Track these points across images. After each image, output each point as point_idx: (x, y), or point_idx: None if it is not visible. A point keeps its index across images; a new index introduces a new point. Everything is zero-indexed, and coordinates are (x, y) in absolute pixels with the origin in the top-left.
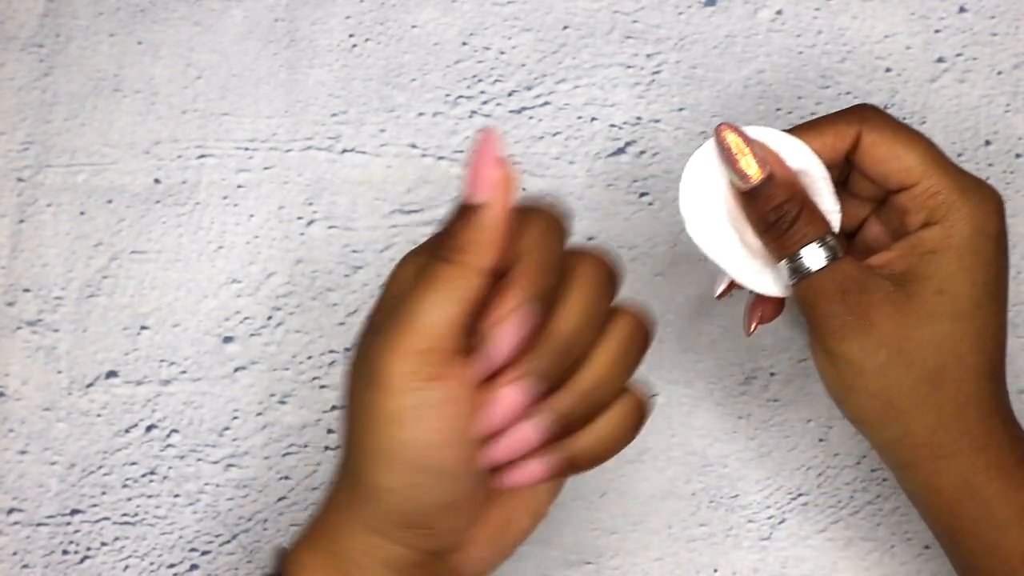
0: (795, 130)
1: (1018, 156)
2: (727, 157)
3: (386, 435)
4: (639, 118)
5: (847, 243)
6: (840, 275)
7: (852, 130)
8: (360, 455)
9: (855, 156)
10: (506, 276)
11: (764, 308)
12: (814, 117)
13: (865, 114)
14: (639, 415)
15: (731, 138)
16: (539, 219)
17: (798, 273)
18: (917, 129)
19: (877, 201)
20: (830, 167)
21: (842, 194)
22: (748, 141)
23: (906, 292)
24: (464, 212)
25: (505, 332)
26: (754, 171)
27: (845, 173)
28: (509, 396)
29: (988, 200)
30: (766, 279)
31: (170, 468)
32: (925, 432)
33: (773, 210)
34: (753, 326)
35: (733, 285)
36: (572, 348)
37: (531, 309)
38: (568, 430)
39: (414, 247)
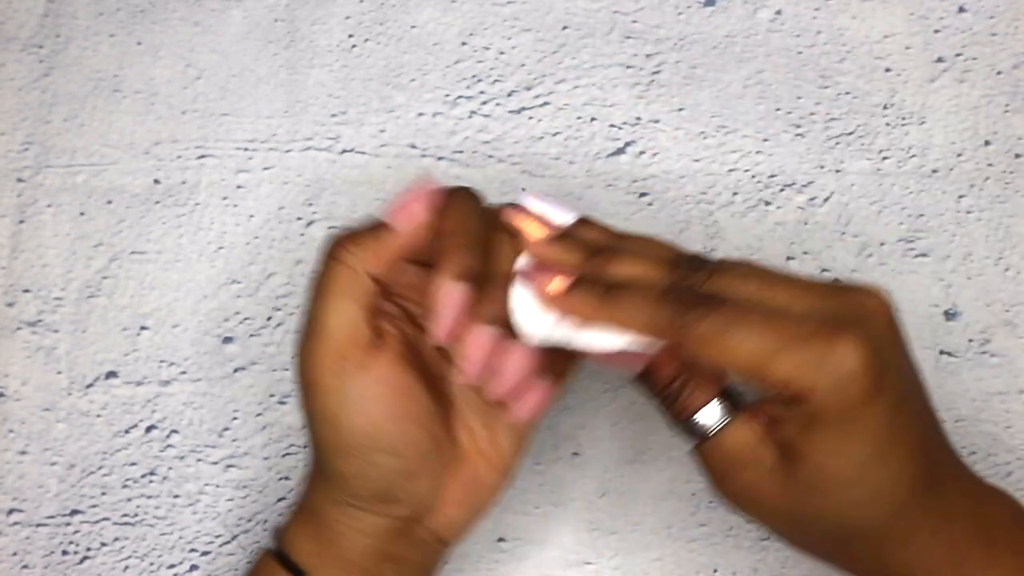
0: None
1: (1017, 156)
2: (603, 359)
3: (329, 429)
4: (639, 118)
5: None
6: (725, 450)
7: (670, 329)
8: (316, 447)
9: (686, 351)
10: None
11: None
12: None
13: (686, 319)
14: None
15: (595, 341)
16: (457, 203)
17: (693, 436)
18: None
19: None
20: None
21: None
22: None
23: (789, 469)
24: (376, 227)
25: (442, 314)
26: (638, 364)
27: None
28: (479, 335)
29: (846, 357)
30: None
31: (170, 468)
32: (853, 564)
33: (663, 390)
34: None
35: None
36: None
37: (458, 287)
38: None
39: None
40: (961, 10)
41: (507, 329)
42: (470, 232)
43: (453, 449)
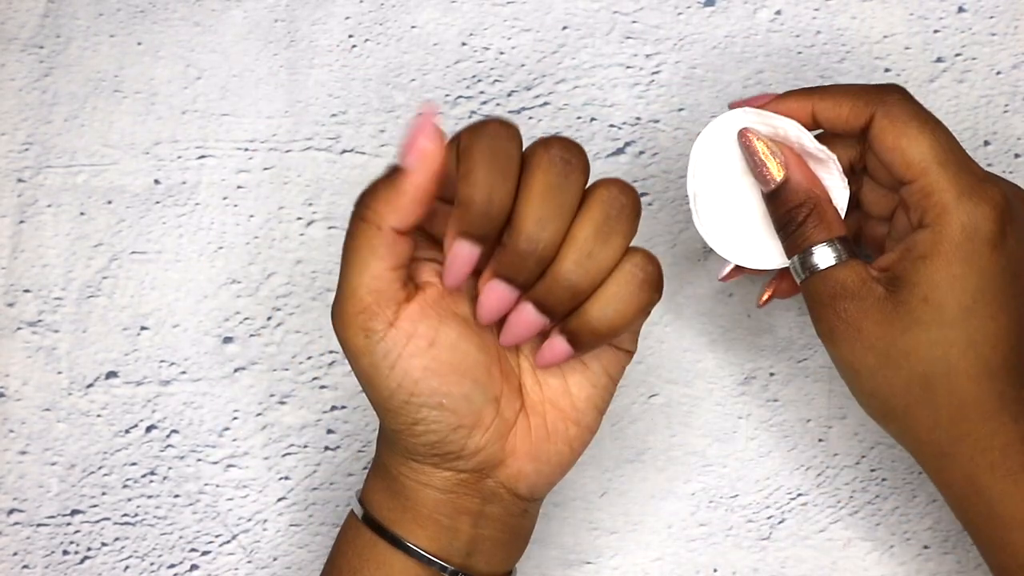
0: (814, 90)
1: (1017, 156)
2: (751, 160)
3: (369, 389)
4: (638, 118)
5: (858, 245)
6: (834, 281)
7: (867, 111)
8: (373, 407)
9: (868, 138)
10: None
11: (780, 282)
12: (838, 84)
13: (885, 97)
14: (646, 273)
15: (756, 143)
16: (481, 137)
17: (805, 270)
18: (937, 121)
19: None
20: (845, 137)
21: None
22: (770, 144)
23: (895, 299)
24: (391, 174)
25: (450, 271)
26: (775, 174)
27: (861, 163)
28: (493, 291)
29: (985, 202)
30: (771, 255)
31: (170, 468)
32: (924, 431)
33: (786, 213)
34: (766, 296)
35: (738, 269)
36: (537, 239)
37: (464, 246)
38: (573, 302)
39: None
40: (961, 10)
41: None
42: (488, 179)
43: (516, 401)
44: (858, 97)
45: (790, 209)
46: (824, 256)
